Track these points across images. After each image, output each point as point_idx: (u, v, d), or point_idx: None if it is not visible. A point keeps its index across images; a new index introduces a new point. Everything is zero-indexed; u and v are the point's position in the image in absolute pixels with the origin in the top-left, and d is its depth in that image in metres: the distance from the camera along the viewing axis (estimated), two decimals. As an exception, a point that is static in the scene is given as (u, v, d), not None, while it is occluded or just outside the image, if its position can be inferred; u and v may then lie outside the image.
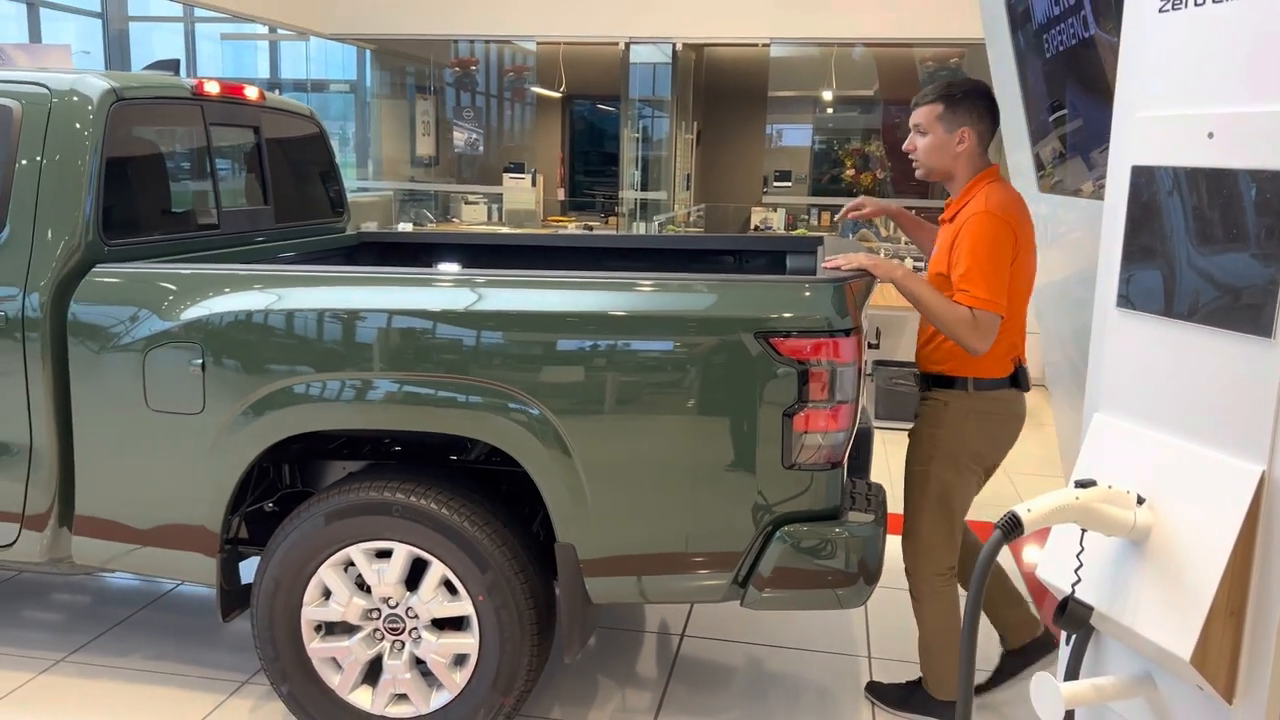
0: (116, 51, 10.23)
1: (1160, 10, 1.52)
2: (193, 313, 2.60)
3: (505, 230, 10.65)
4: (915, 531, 2.86)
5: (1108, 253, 1.63)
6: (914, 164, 2.80)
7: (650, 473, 2.44)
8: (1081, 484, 1.49)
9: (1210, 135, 1.46)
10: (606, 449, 2.44)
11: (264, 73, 11.79)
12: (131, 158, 2.91)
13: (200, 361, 2.57)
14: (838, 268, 2.57)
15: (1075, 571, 1.54)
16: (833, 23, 9.22)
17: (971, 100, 2.70)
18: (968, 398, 2.75)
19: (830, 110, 12.69)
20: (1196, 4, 1.49)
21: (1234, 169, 1.43)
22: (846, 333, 2.37)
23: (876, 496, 2.77)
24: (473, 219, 11.27)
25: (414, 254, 4.16)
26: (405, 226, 8.72)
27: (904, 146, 2.81)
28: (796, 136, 12.57)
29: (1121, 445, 1.58)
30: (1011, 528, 1.45)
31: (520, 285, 2.51)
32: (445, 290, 2.53)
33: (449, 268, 4.16)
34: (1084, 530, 1.51)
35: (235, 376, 2.57)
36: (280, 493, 2.95)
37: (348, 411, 2.55)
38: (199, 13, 10.36)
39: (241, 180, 3.54)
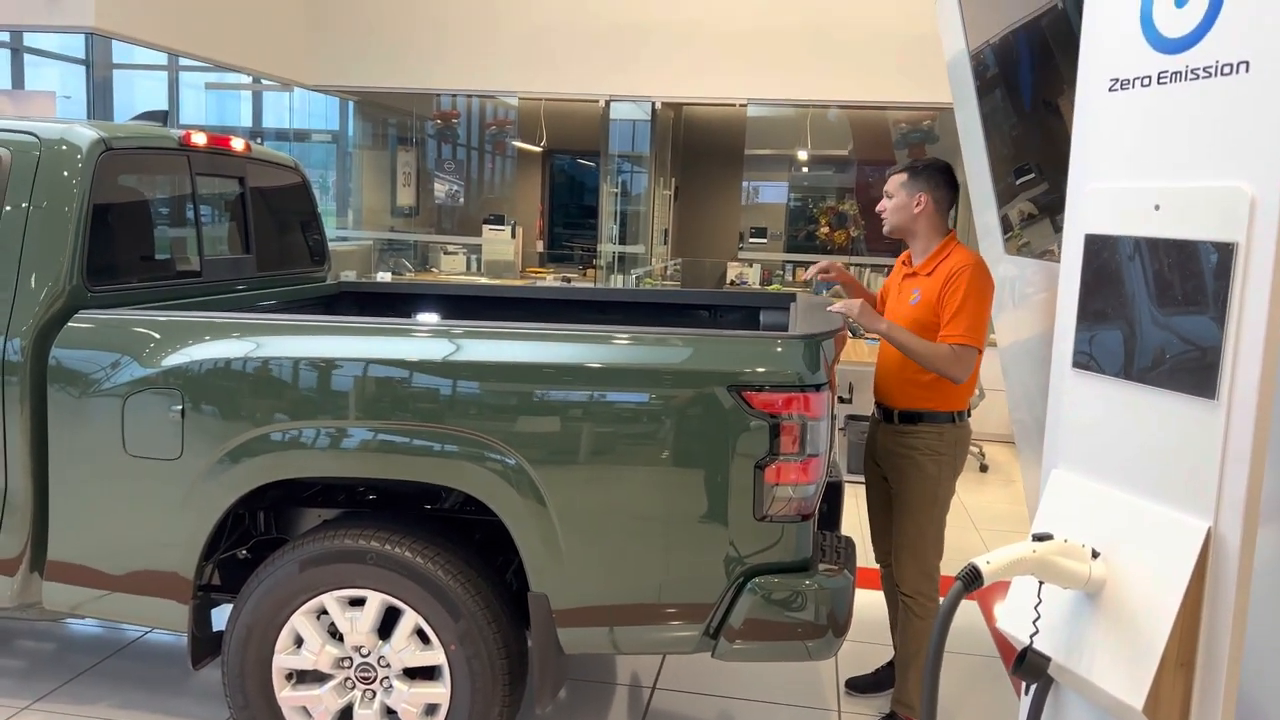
0: (100, 98, 10.30)
1: (1109, 90, 1.62)
2: (173, 359, 2.63)
3: (484, 281, 10.75)
4: (922, 553, 3.14)
5: (1063, 315, 1.71)
6: (882, 221, 3.28)
7: (624, 523, 2.48)
8: (1039, 537, 1.56)
9: (1157, 207, 1.55)
10: (581, 499, 2.48)
11: (247, 121, 11.90)
12: (117, 206, 2.96)
13: (180, 408, 2.60)
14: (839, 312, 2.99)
15: (1033, 623, 1.60)
16: (808, 85, 9.47)
17: (930, 173, 3.20)
18: (957, 429, 3.15)
19: (805, 169, 12.94)
20: (1143, 85, 1.59)
21: (1179, 239, 1.51)
22: (817, 388, 2.43)
23: (846, 549, 2.81)
24: (452, 269, 11.35)
25: (392, 304, 4.21)
26: (384, 276, 8.78)
27: (876, 207, 3.27)
28: (772, 194, 12.81)
29: (1078, 500, 1.65)
30: (972, 579, 1.51)
31: (497, 336, 2.56)
32: (422, 340, 2.58)
33: (427, 318, 4.21)
34: (1041, 582, 1.57)
35: (214, 423, 2.60)
36: (255, 540, 2.95)
37: (323, 459, 2.58)
38: (183, 61, 10.49)
39: (225, 229, 3.59)
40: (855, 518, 4.95)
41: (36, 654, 3.61)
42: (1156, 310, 1.56)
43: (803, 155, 11.84)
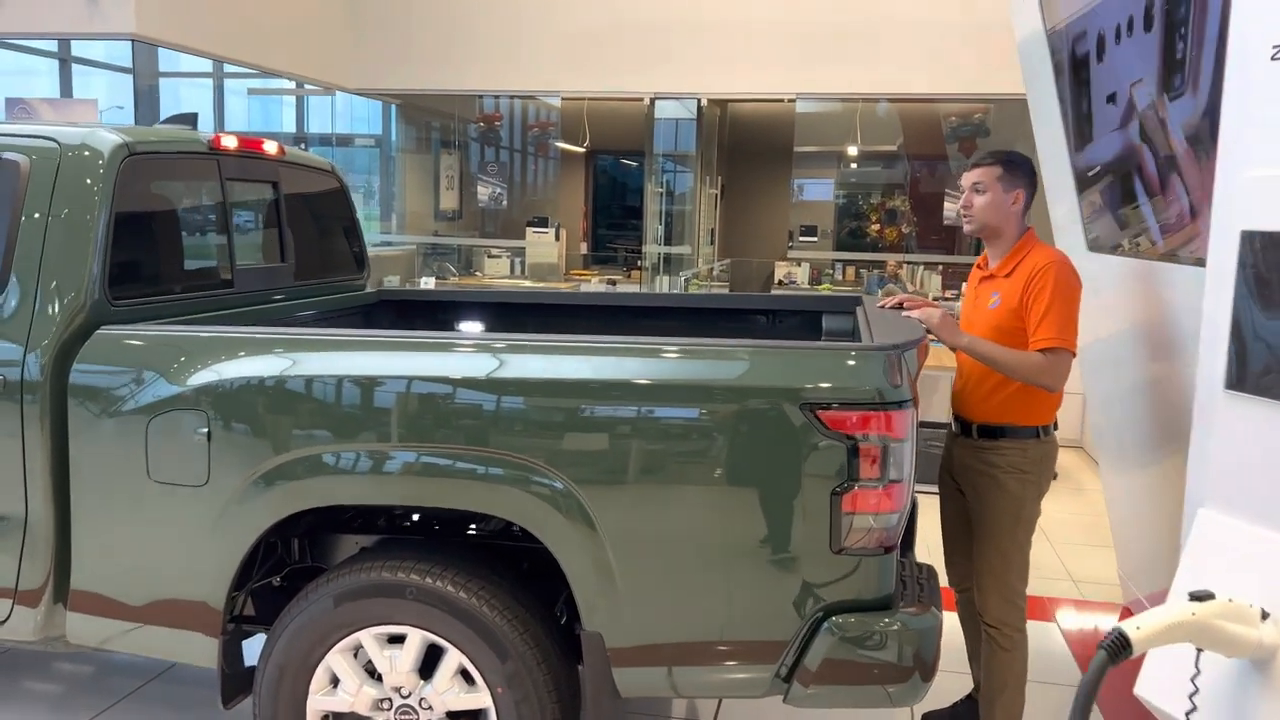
0: (147, 106, 10.31)
1: (1273, 58, 1.36)
2: (198, 378, 2.44)
3: (528, 284, 10.59)
4: (1005, 580, 2.89)
5: (1213, 328, 1.45)
6: (965, 219, 2.94)
7: (685, 555, 2.25)
8: (1198, 596, 1.30)
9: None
10: (638, 528, 2.26)
11: (290, 127, 11.86)
12: (142, 214, 2.79)
13: (206, 430, 2.42)
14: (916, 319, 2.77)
15: (1190, 698, 1.34)
16: (858, 78, 9.16)
17: (1025, 166, 2.92)
18: (1043, 444, 2.89)
19: (854, 165, 12.62)
20: (1311, 51, 1.32)
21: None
22: (900, 405, 2.18)
23: (929, 581, 2.56)
24: (495, 272, 11.20)
25: (433, 312, 4.02)
26: (428, 280, 8.64)
27: (961, 203, 2.94)
28: (820, 191, 12.49)
29: (1235, 547, 1.39)
30: (1118, 649, 1.26)
31: (545, 350, 2.34)
32: (464, 356, 2.37)
33: (469, 327, 4.01)
34: (1200, 650, 1.32)
35: (241, 447, 2.41)
36: (289, 568, 2.77)
37: (355, 485, 2.38)
38: (228, 68, 10.46)
39: (258, 237, 3.42)
40: (921, 532, 4.67)
41: (74, 678, 3.47)
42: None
43: (851, 151, 11.52)
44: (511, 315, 4.00)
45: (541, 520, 2.29)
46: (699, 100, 10.01)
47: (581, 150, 12.35)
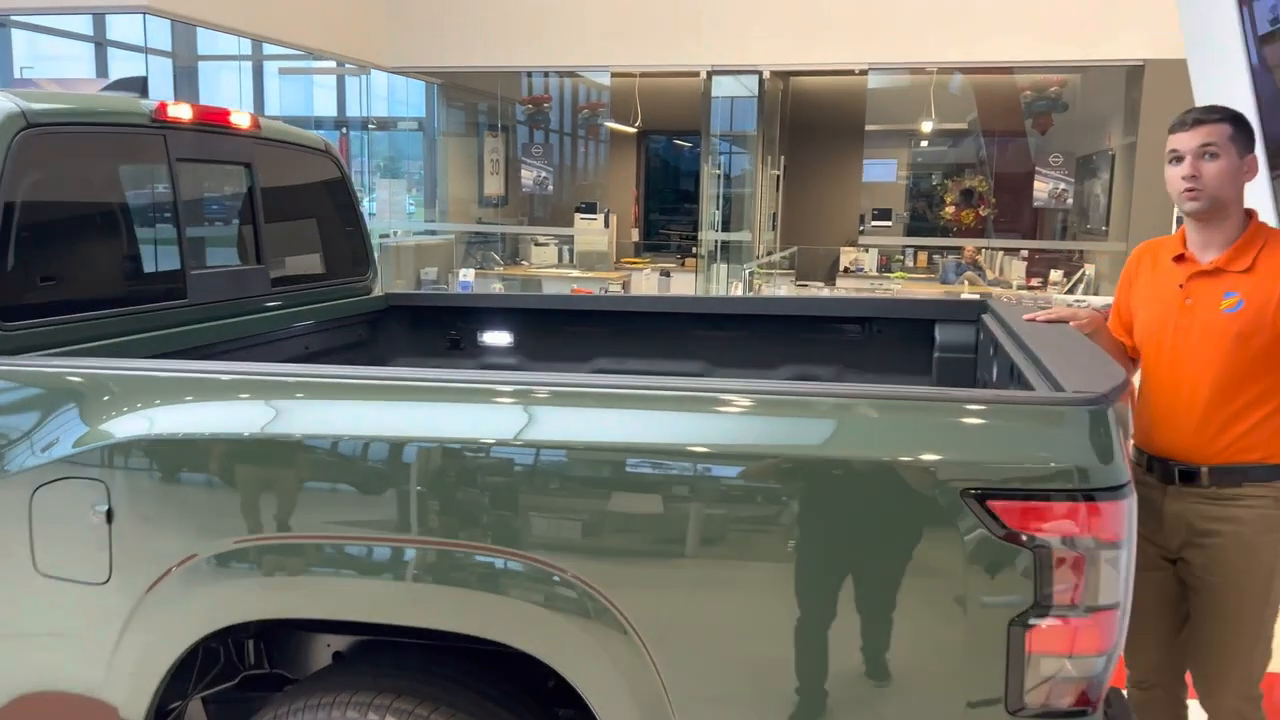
0: (185, 90, 9.81)
1: None
2: (95, 434, 1.76)
3: (576, 273, 9.90)
4: (1244, 673, 2.24)
5: None
6: (1190, 195, 2.19)
7: (786, 711, 1.52)
8: None
9: None
10: (711, 671, 1.53)
11: (330, 110, 11.30)
12: (47, 204, 2.12)
13: (105, 507, 1.74)
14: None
15: None
16: (932, 47, 8.30)
17: (1250, 127, 2.24)
18: None
19: (926, 144, 11.70)
20: None
21: None
22: (1115, 491, 1.42)
23: (1120, 714, 1.80)
24: (542, 262, 10.54)
25: (451, 320, 3.32)
26: (467, 272, 7.99)
27: (1184, 173, 2.18)
28: (884, 172, 11.59)
29: None
30: None
31: (567, 400, 1.62)
32: (455, 407, 1.66)
33: (495, 338, 3.31)
34: None
35: (153, 533, 1.72)
36: (242, 675, 2.09)
37: (303, 596, 1.69)
38: (267, 49, 9.90)
39: (224, 234, 2.74)
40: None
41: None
42: None
43: (926, 127, 10.59)
44: (544, 323, 3.28)
45: (567, 653, 1.57)
46: (760, 74, 9.18)
47: (633, 131, 11.60)
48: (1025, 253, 10.18)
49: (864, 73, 8.99)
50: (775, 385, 1.60)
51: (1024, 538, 1.41)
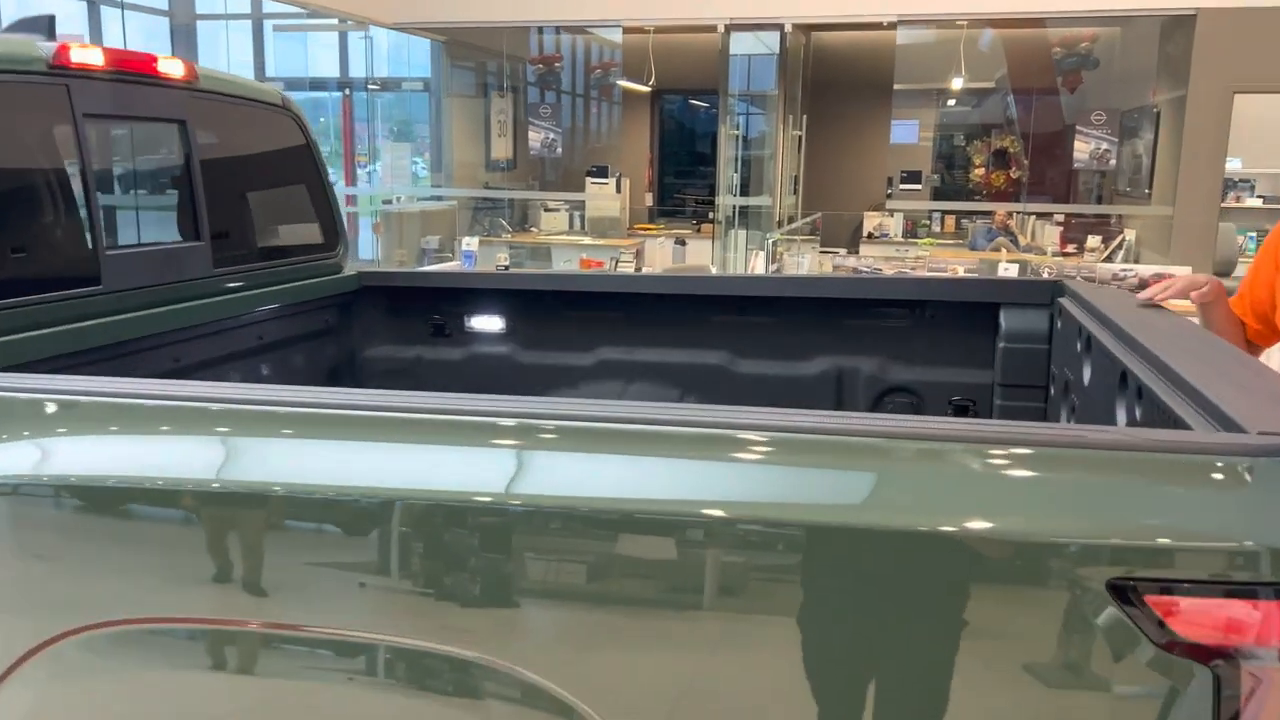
0: (183, 50, 9.36)
1: None
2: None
3: (587, 240, 9.44)
4: None
5: None
6: None
7: None
8: None
9: None
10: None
11: (333, 71, 10.81)
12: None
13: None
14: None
15: None
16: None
17: None
18: None
19: (952, 102, 11.13)
20: None
21: None
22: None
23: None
24: (552, 228, 10.09)
25: (434, 302, 2.88)
26: (471, 242, 7.53)
27: None
28: (909, 134, 11.03)
29: None
30: None
31: (551, 443, 1.18)
32: (387, 453, 1.22)
33: (486, 323, 2.87)
34: None
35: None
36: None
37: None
38: (268, 6, 9.42)
39: (155, 205, 2.31)
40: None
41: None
42: None
43: (957, 84, 10.01)
44: (542, 307, 2.84)
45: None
46: (782, 28, 8.62)
47: (646, 90, 11.07)
48: (1059, 217, 9.65)
49: (892, 26, 8.42)
50: (804, 419, 1.15)
51: (1199, 650, 0.98)
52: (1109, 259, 8.38)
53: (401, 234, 8.65)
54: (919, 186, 9.78)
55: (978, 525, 1.03)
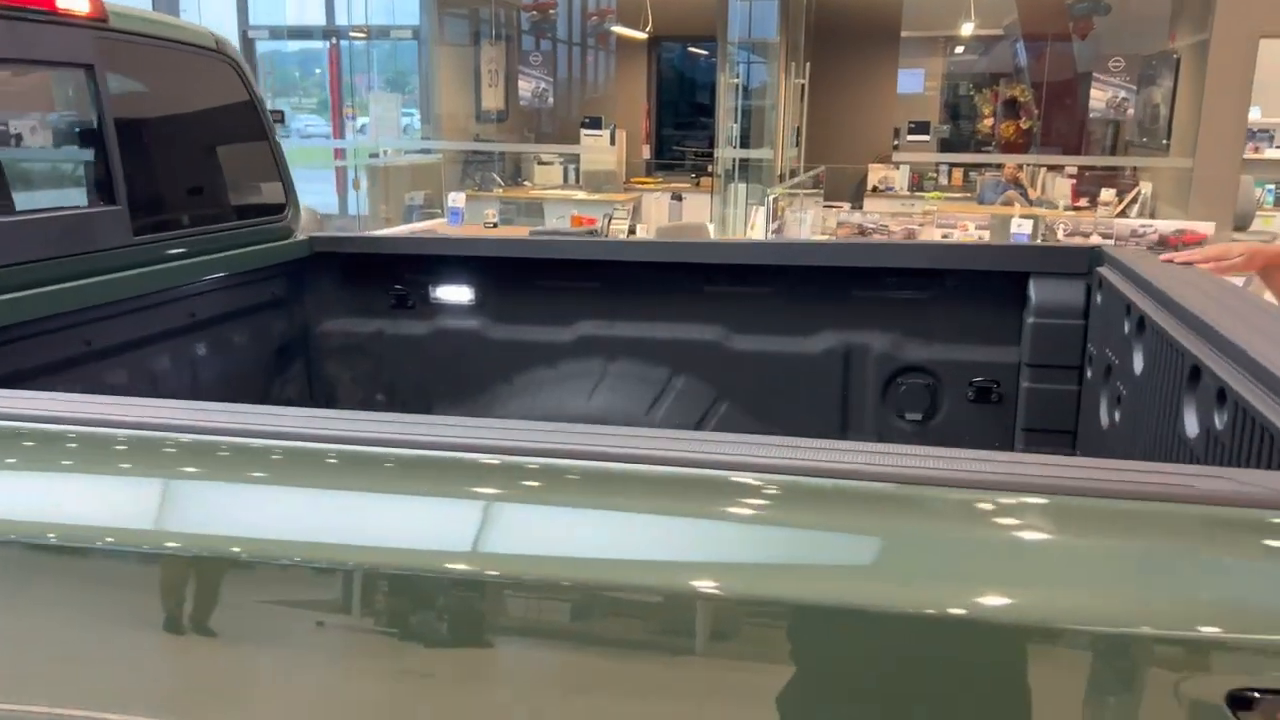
0: (164, 5, 8.95)
1: None
2: None
3: (581, 195, 9.10)
4: None
5: None
6: None
7: None
8: None
9: None
10: None
11: (320, 19, 10.38)
12: None
13: None
14: None
15: None
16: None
17: None
18: None
19: (960, 50, 10.70)
20: None
21: None
22: None
23: None
24: (546, 182, 9.73)
25: (399, 271, 2.59)
26: (458, 197, 7.20)
27: None
28: (916, 83, 10.61)
29: None
30: None
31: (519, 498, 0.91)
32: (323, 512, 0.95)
33: (453, 293, 2.58)
34: None
35: None
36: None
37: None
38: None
39: (58, 164, 2.01)
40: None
41: None
42: None
43: (966, 30, 9.60)
44: (516, 275, 2.55)
45: None
46: (785, -31, 8.21)
47: (643, 37, 10.64)
48: (1071, 170, 9.28)
49: (900, -32, 8.01)
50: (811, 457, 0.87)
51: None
52: (1124, 213, 8.04)
53: (388, 190, 8.33)
54: (926, 138, 9.41)
55: (1043, 610, 0.75)
